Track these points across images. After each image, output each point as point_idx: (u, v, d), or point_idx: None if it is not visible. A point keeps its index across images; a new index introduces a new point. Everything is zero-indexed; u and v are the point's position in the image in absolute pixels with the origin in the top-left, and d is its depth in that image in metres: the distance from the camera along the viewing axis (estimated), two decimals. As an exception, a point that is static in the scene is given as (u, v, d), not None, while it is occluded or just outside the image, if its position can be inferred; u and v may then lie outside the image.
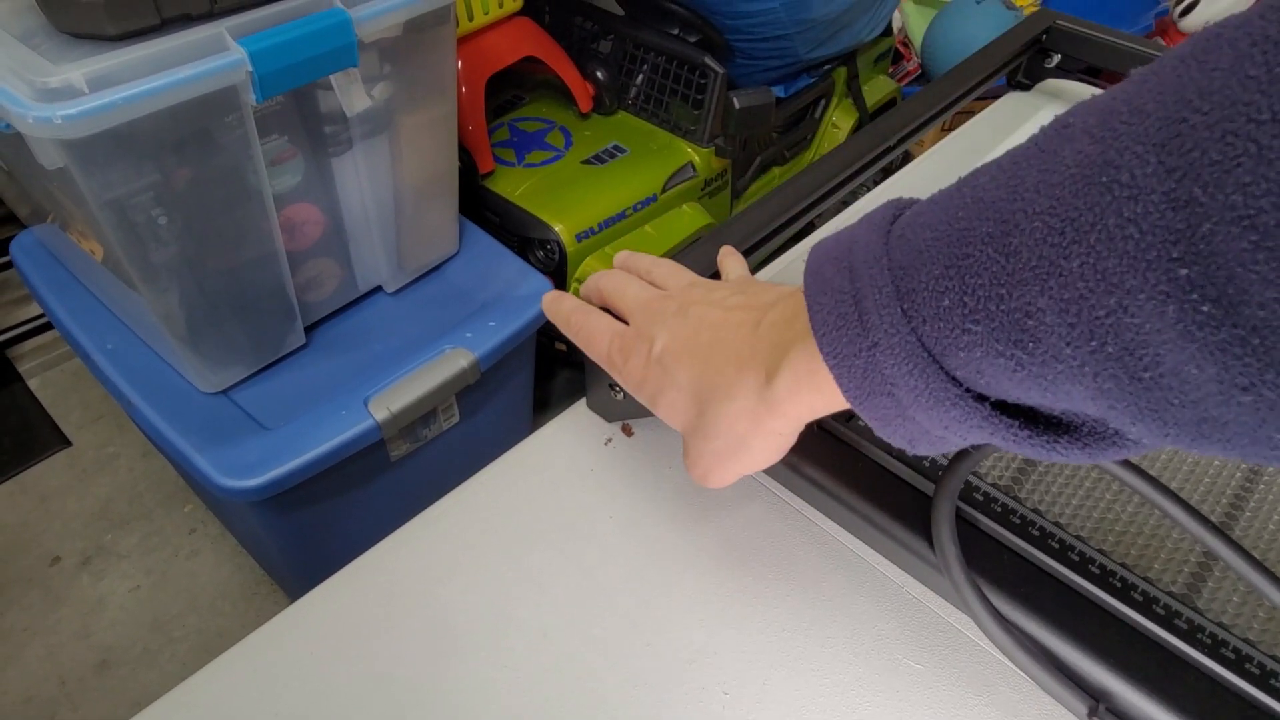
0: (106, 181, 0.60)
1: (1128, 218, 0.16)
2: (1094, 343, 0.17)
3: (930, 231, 0.21)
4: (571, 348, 1.21)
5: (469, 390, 0.88)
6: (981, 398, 0.21)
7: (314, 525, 0.87)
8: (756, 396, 0.27)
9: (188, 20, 0.60)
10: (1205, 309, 0.15)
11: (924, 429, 0.23)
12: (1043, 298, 0.18)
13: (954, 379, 0.21)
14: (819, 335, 0.23)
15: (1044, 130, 0.19)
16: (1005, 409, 0.21)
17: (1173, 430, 0.18)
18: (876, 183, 0.61)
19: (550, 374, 1.39)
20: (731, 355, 0.28)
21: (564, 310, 0.36)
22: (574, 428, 0.41)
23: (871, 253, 0.23)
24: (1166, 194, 0.15)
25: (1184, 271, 0.15)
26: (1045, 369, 0.19)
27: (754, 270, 0.50)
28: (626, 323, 0.34)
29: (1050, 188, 0.18)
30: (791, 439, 0.29)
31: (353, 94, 0.71)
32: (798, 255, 0.53)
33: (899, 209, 0.24)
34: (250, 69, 0.61)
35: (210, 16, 0.61)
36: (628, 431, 0.40)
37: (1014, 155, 0.20)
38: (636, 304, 0.33)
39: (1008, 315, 0.19)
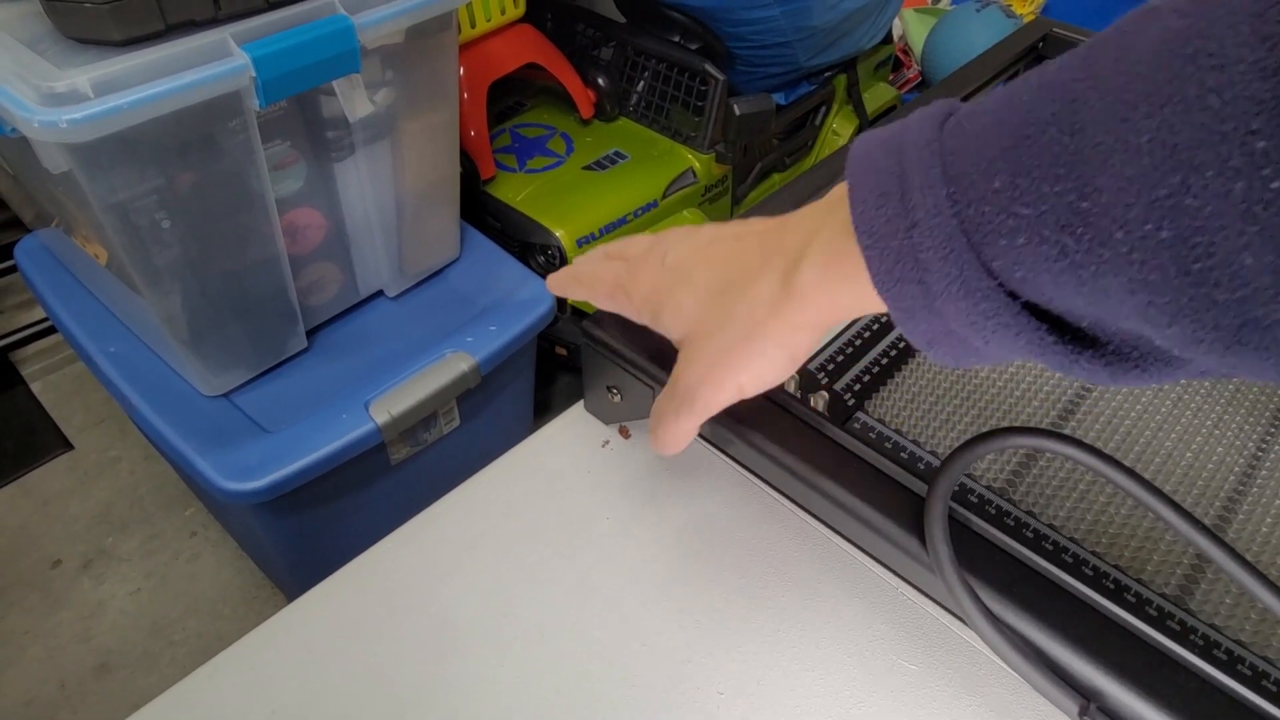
0: (111, 185, 0.61)
1: (1210, 87, 0.16)
2: (1149, 225, 0.17)
3: (989, 117, 0.21)
4: (572, 353, 1.21)
5: (469, 394, 0.89)
6: (1013, 296, 0.21)
7: (315, 528, 0.87)
8: (780, 282, 0.26)
9: (192, 26, 0.61)
10: (1276, 185, 0.15)
11: (947, 326, 0.22)
12: (1102, 175, 0.18)
13: (989, 271, 0.21)
14: (856, 212, 0.23)
15: (1125, 17, 0.19)
16: (1034, 313, 0.21)
17: (1208, 335, 0.17)
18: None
19: (550, 379, 1.39)
20: (755, 249, 0.28)
21: (568, 271, 0.35)
22: (572, 430, 0.41)
23: (923, 136, 0.22)
24: (1256, 63, 0.15)
25: (1261, 144, 0.15)
26: (1090, 257, 0.18)
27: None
28: None
29: (1129, 64, 0.17)
30: (805, 350, 0.28)
31: (355, 99, 0.72)
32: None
33: (953, 106, 0.23)
34: (254, 74, 0.62)
35: (214, 22, 0.62)
36: (625, 434, 0.41)
37: (1089, 42, 0.19)
38: (644, 240, 0.33)
39: (1061, 196, 0.18)
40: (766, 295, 0.27)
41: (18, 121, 0.54)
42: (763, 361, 0.27)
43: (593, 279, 0.34)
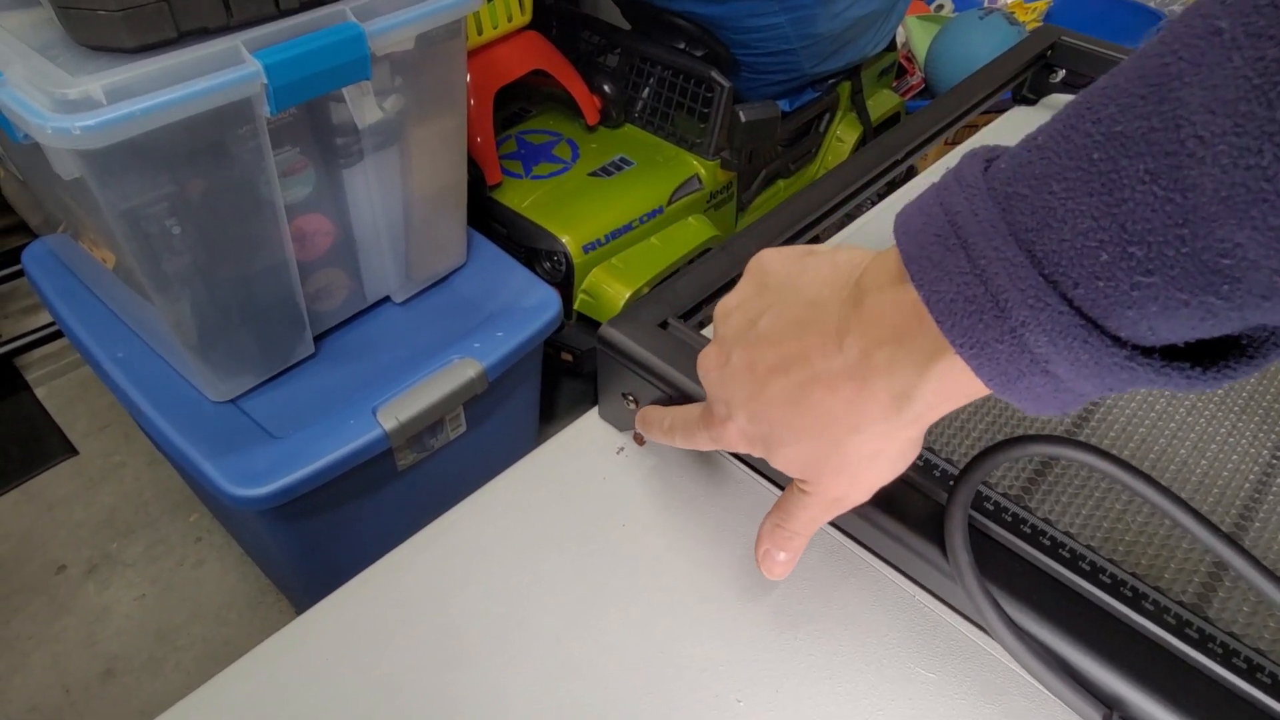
0: (122, 192, 0.61)
1: None
2: None
3: (1058, 183, 0.18)
4: (578, 358, 1.20)
5: (476, 400, 0.89)
6: (1149, 350, 0.19)
7: (321, 534, 0.87)
8: (887, 416, 0.25)
9: (204, 33, 0.61)
10: None
11: (1081, 394, 0.21)
12: (1241, 230, 0.15)
13: (1120, 341, 0.19)
14: (947, 328, 0.21)
15: (1176, 40, 0.17)
16: (1173, 353, 0.19)
17: None
18: (881, 197, 0.62)
19: (556, 384, 1.39)
20: (840, 399, 0.25)
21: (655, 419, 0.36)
22: (586, 436, 0.41)
23: (984, 221, 0.20)
24: None
25: None
26: (1247, 310, 0.17)
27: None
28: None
29: (1227, 104, 0.15)
30: (923, 436, 0.28)
31: (365, 106, 0.72)
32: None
33: (985, 162, 0.21)
34: (265, 81, 0.62)
35: (226, 30, 0.62)
36: (639, 440, 0.41)
37: (1146, 75, 0.17)
38: (703, 379, 0.31)
39: (1193, 258, 0.16)
40: (880, 436, 0.26)
41: (31, 128, 0.55)
42: (892, 469, 0.28)
43: (685, 435, 0.34)
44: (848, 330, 0.25)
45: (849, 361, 0.25)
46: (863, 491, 0.29)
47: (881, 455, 0.27)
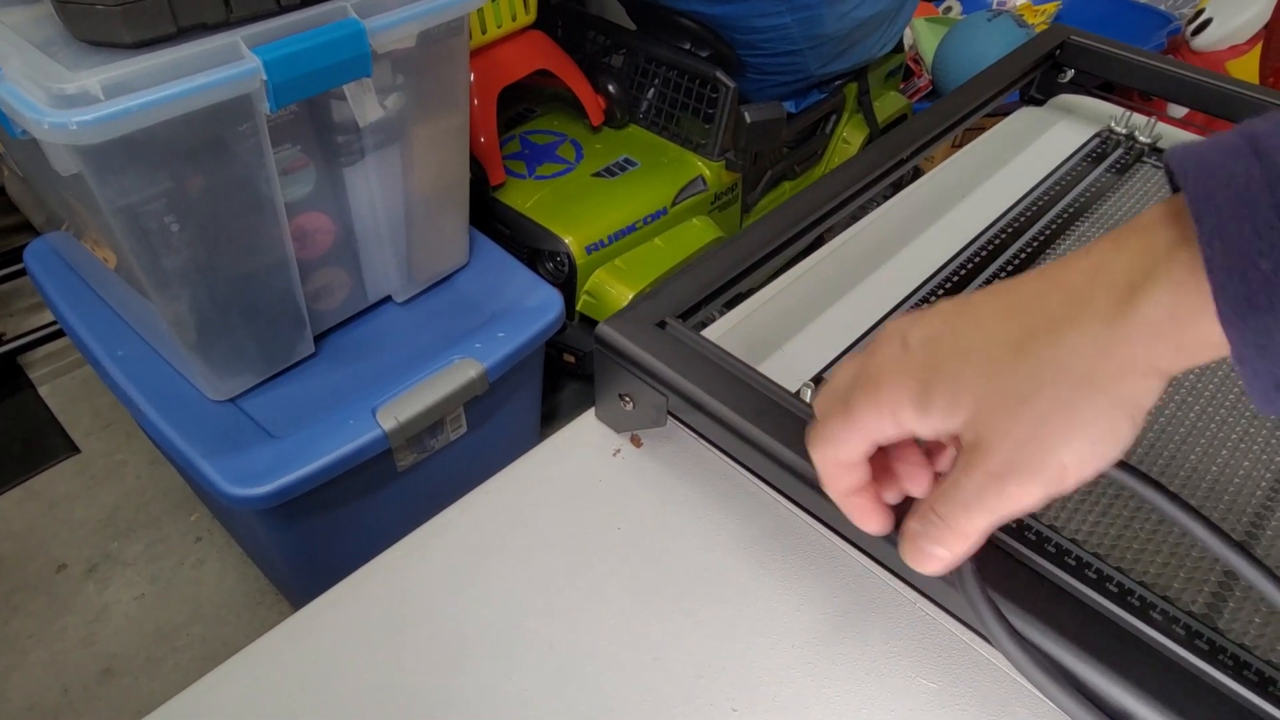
0: (120, 188, 0.60)
1: None
2: None
3: None
4: (580, 360, 1.19)
5: (477, 401, 0.88)
6: None
7: (320, 535, 0.86)
8: (1108, 320, 0.20)
9: (204, 29, 0.61)
10: None
11: None
12: None
13: None
14: (1206, 229, 0.18)
15: None
16: None
17: None
18: (886, 197, 0.61)
19: (557, 386, 1.38)
20: (1050, 291, 0.21)
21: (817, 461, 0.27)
22: (583, 438, 0.40)
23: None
24: None
25: None
26: None
27: (760, 286, 0.50)
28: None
29: None
30: (1147, 406, 0.21)
31: (366, 104, 0.71)
32: (809, 269, 0.52)
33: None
34: (264, 78, 0.61)
35: (226, 25, 0.62)
36: (636, 443, 0.40)
37: None
38: (851, 361, 0.26)
39: None
40: (1092, 340, 0.20)
41: (28, 123, 0.54)
42: (1095, 429, 0.20)
43: (823, 432, 0.26)
44: (1096, 246, 0.21)
45: (1080, 256, 0.21)
46: (1038, 459, 0.21)
47: (1085, 390, 0.20)
